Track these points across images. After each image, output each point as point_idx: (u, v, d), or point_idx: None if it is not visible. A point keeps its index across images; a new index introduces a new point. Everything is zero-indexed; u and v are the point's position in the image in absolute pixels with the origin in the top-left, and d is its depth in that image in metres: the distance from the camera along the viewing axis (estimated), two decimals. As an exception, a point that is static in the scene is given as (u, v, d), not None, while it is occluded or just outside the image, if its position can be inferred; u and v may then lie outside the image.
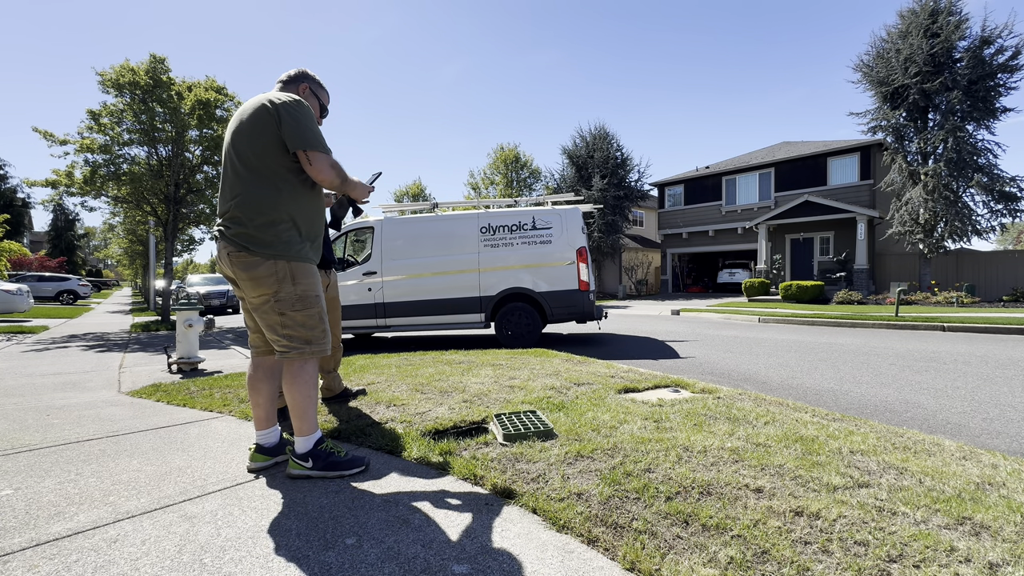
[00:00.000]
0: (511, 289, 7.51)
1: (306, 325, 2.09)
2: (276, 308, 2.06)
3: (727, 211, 24.11)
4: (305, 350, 2.09)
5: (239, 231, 2.04)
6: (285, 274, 2.05)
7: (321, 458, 2.12)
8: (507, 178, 30.12)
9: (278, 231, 2.05)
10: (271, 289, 2.05)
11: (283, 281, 2.05)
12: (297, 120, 2.02)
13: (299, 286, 2.08)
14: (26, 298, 13.89)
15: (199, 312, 5.49)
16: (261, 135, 2.03)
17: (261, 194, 2.04)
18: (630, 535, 1.57)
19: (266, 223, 2.04)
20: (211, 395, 3.74)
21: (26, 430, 2.94)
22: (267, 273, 2.03)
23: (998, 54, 14.93)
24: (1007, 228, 16.50)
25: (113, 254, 30.98)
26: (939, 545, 1.49)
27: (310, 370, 2.12)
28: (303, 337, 2.09)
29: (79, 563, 1.46)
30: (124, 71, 10.85)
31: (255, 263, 2.03)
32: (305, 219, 2.15)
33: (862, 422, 2.85)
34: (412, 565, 1.45)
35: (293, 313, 2.07)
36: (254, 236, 2.03)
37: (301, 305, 2.08)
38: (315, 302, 2.13)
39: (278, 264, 2.04)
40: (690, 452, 2.25)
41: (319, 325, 2.13)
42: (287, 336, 2.08)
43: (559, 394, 3.43)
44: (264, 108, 2.04)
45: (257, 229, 2.03)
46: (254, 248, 2.03)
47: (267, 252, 2.03)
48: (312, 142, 2.03)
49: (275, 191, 2.05)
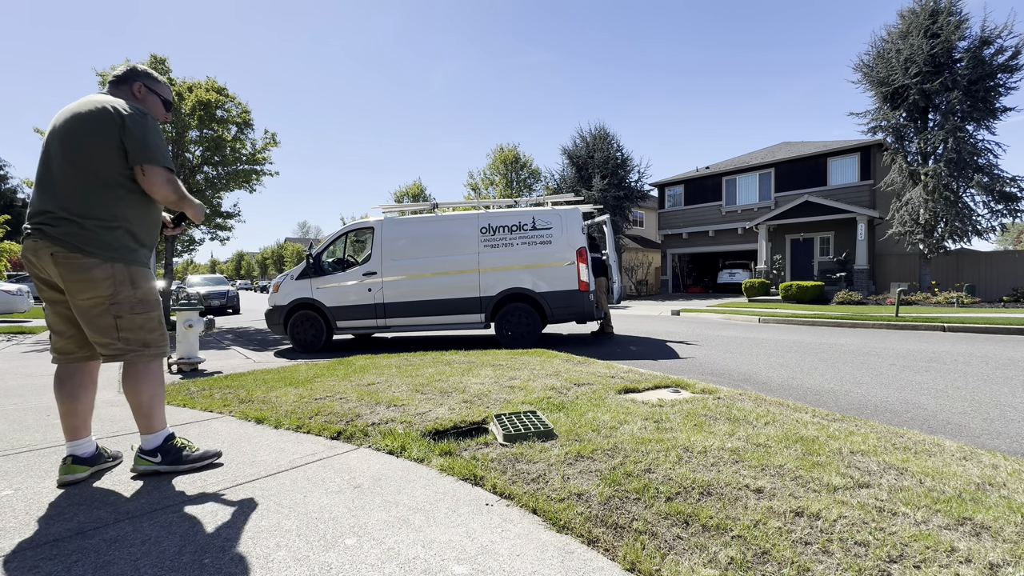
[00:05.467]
0: (511, 289, 7.51)
1: (145, 328, 2.11)
2: (112, 311, 2.03)
3: (727, 211, 24.10)
4: (144, 353, 2.11)
5: (71, 231, 1.97)
6: (124, 277, 2.05)
7: (171, 453, 2.16)
8: (507, 178, 30.12)
9: (116, 235, 2.04)
10: (106, 292, 2.01)
11: (121, 284, 2.04)
12: (144, 133, 2.04)
13: (139, 290, 2.10)
14: (26, 298, 13.89)
15: (199, 313, 5.49)
16: (103, 141, 2.00)
17: (98, 196, 2.01)
18: (630, 535, 1.57)
19: (103, 226, 2.01)
20: (211, 395, 3.74)
21: (26, 430, 2.94)
22: (104, 276, 2.00)
23: (998, 54, 14.93)
24: (1007, 228, 16.52)
25: (113, 254, 30.95)
26: (939, 545, 1.48)
27: (155, 369, 2.16)
28: (142, 340, 2.10)
29: (79, 563, 1.46)
30: (124, 71, 10.85)
31: (90, 265, 1.98)
32: (142, 227, 2.14)
33: (862, 422, 2.85)
34: (412, 565, 1.45)
35: (132, 316, 2.07)
36: (90, 237, 1.98)
37: (141, 308, 2.10)
38: (156, 306, 2.17)
39: (116, 267, 2.03)
40: (690, 452, 2.25)
41: (158, 328, 2.17)
42: (124, 339, 2.06)
43: (559, 394, 3.43)
44: (107, 113, 2.02)
45: (94, 231, 1.99)
46: (89, 249, 1.98)
47: (104, 254, 2.00)
48: (153, 157, 2.05)
49: (114, 196, 2.04)
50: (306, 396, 3.53)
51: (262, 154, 12.30)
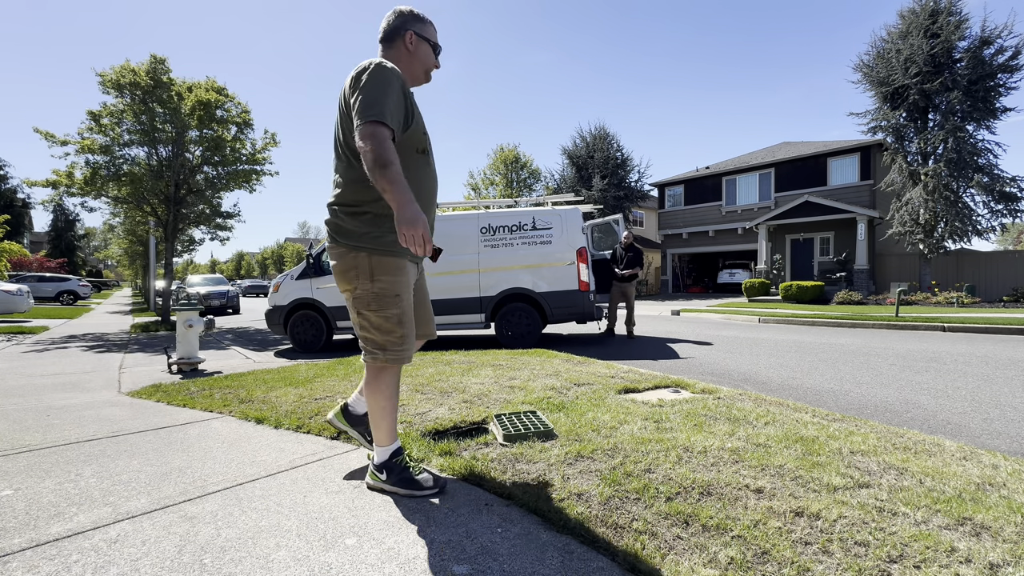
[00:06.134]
0: (511, 289, 7.51)
1: (381, 328, 1.87)
2: (355, 306, 1.89)
3: (727, 211, 24.11)
4: (378, 356, 1.89)
5: (329, 220, 1.90)
6: (365, 269, 1.84)
7: (395, 472, 1.93)
8: (507, 178, 30.11)
9: (361, 221, 1.85)
10: (351, 284, 1.88)
11: (362, 277, 1.85)
12: (366, 87, 1.73)
13: (377, 283, 1.85)
14: (26, 299, 13.90)
15: (199, 312, 5.49)
16: (345, 114, 1.83)
17: (345, 179, 1.86)
18: (630, 535, 1.57)
19: (349, 212, 1.86)
20: (211, 395, 3.74)
21: (26, 430, 2.94)
22: (347, 267, 1.86)
23: (998, 54, 14.94)
24: (1007, 228, 16.52)
25: (113, 255, 30.97)
26: (939, 545, 1.48)
27: (386, 379, 1.92)
28: (375, 342, 1.88)
29: (79, 563, 1.46)
30: (124, 72, 10.86)
31: (339, 254, 1.87)
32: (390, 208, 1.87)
33: (862, 422, 2.85)
34: (412, 565, 1.45)
35: (368, 313, 1.86)
36: (340, 226, 1.87)
37: (378, 305, 1.85)
38: (395, 303, 1.87)
39: (359, 256, 1.84)
40: (690, 452, 2.25)
41: (397, 329, 1.87)
42: (362, 338, 1.90)
43: (559, 394, 3.43)
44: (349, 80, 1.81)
45: (342, 218, 1.86)
46: (339, 238, 1.86)
47: (349, 243, 1.85)
48: (361, 111, 1.70)
49: (358, 176, 1.84)
50: (306, 396, 3.53)
51: (262, 154, 12.29)
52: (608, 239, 9.73)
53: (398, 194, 1.63)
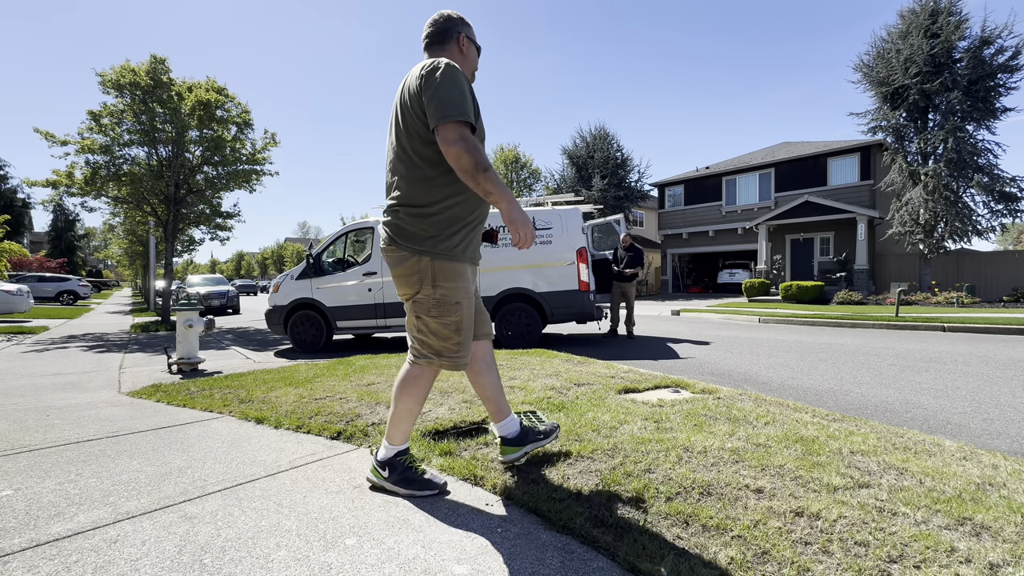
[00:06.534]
0: (511, 289, 7.51)
1: (439, 334, 1.85)
2: (414, 310, 1.88)
3: (727, 211, 24.11)
4: (433, 361, 1.88)
5: (390, 221, 1.87)
6: (428, 273, 1.82)
7: (398, 470, 1.93)
8: (507, 178, 30.11)
9: (427, 223, 1.82)
10: (412, 289, 1.85)
11: (424, 281, 1.82)
12: (438, 86, 1.72)
13: (439, 288, 1.82)
14: (26, 298, 13.90)
15: (199, 313, 5.49)
16: (412, 112, 1.81)
17: (412, 180, 1.84)
18: (630, 536, 1.57)
19: (414, 214, 1.83)
20: (211, 395, 3.74)
21: (26, 430, 2.94)
22: (409, 271, 1.84)
23: (998, 54, 14.93)
24: (1007, 228, 16.51)
25: (113, 255, 30.99)
26: (939, 546, 1.48)
27: (423, 382, 1.92)
28: (432, 347, 1.87)
29: (79, 563, 1.46)
30: (124, 72, 10.86)
31: (400, 258, 1.85)
32: (461, 209, 1.87)
33: (862, 422, 2.85)
34: (412, 565, 1.45)
35: (428, 319, 1.85)
36: (402, 228, 1.84)
37: (438, 311, 1.84)
38: (456, 309, 1.85)
39: (422, 261, 1.81)
40: (690, 453, 2.25)
41: (455, 336, 1.87)
42: (419, 341, 1.90)
43: (559, 394, 3.43)
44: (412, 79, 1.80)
45: (405, 219, 1.83)
46: (400, 241, 1.84)
47: (411, 247, 1.82)
48: (444, 111, 1.69)
49: (424, 176, 1.83)
50: (306, 396, 3.53)
51: (262, 154, 12.29)
52: (608, 239, 9.74)
53: (505, 195, 1.68)
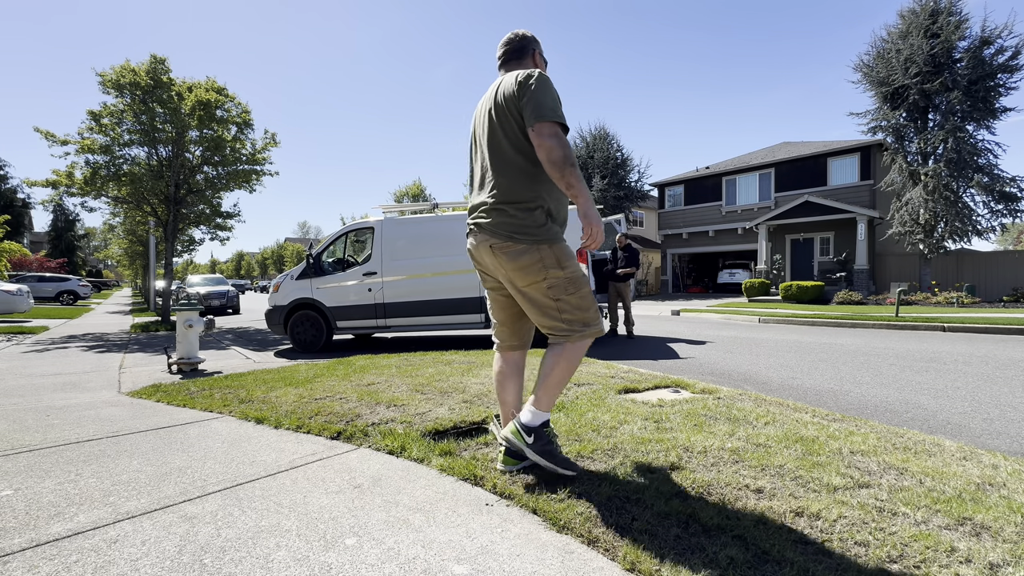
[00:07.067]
0: (511, 289, 7.50)
1: (581, 307, 2.04)
2: (550, 295, 2.01)
3: (727, 211, 24.10)
4: (586, 332, 2.03)
5: (501, 220, 2.00)
6: (552, 260, 2.00)
7: (542, 440, 2.02)
8: (507, 178, 30.09)
9: (536, 216, 2.00)
10: (540, 276, 1.99)
11: (552, 267, 2.00)
12: (536, 92, 1.93)
13: (567, 269, 2.02)
14: (26, 298, 13.89)
15: (199, 312, 5.49)
16: (512, 116, 1.98)
17: (517, 178, 2.01)
18: (630, 535, 1.57)
19: (524, 209, 2.00)
20: (211, 395, 3.74)
21: (26, 430, 2.94)
22: (533, 260, 1.99)
23: (998, 54, 14.93)
24: (1007, 228, 16.51)
25: (113, 254, 31.00)
26: (939, 545, 1.48)
27: (580, 353, 2.06)
28: (581, 320, 2.03)
29: (79, 563, 1.46)
30: (124, 72, 10.86)
31: (520, 251, 1.98)
32: (556, 202, 2.08)
33: (862, 422, 2.85)
34: (412, 565, 1.45)
35: (568, 296, 2.02)
36: (516, 223, 1.99)
37: (574, 287, 2.03)
38: (585, 282, 2.07)
39: (542, 249, 1.99)
40: (690, 453, 2.25)
41: (592, 305, 2.08)
42: (566, 320, 2.02)
43: (560, 394, 3.43)
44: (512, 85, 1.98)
45: (517, 215, 1.99)
46: (518, 236, 1.98)
47: (530, 239, 1.98)
48: (541, 113, 1.90)
49: (527, 174, 2.01)
50: (306, 396, 3.53)
51: (262, 154, 12.29)
52: (609, 239, 9.74)
53: (584, 191, 1.88)
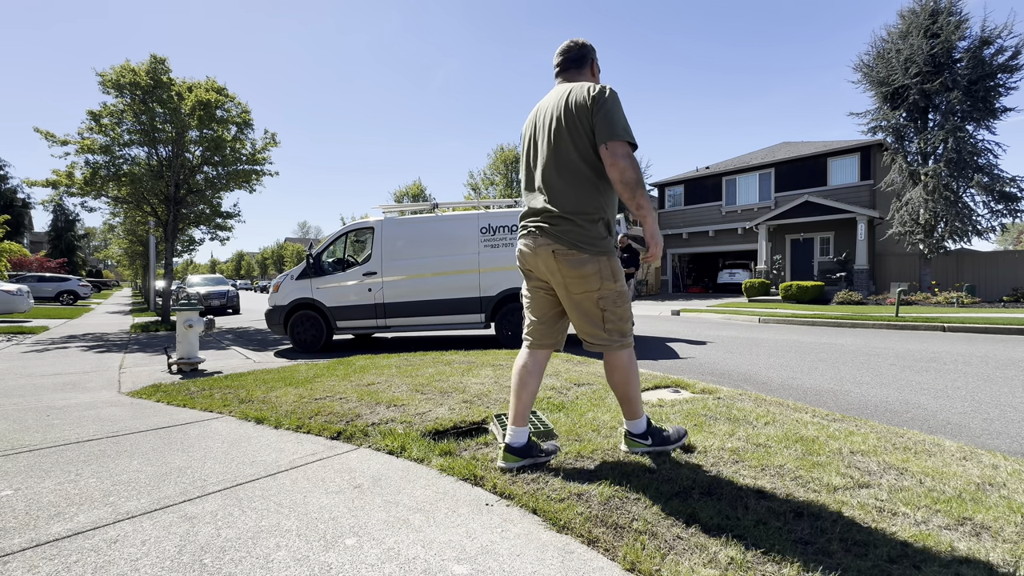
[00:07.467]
0: (511, 289, 7.51)
1: (624, 318, 2.15)
2: (600, 304, 2.10)
3: (727, 211, 24.09)
4: (623, 342, 2.15)
5: (568, 228, 2.06)
6: (608, 271, 2.09)
7: (656, 435, 2.25)
8: (507, 178, 30.11)
9: (598, 228, 2.08)
10: (596, 286, 2.08)
11: (607, 278, 2.09)
12: (611, 109, 1.99)
13: (618, 282, 2.12)
14: (26, 298, 13.89)
15: (199, 313, 5.49)
16: (582, 129, 2.02)
17: (584, 189, 2.07)
18: (630, 535, 1.57)
19: (589, 220, 2.07)
20: (211, 395, 3.74)
21: (26, 430, 2.94)
22: (594, 271, 2.07)
23: (998, 54, 14.92)
24: (1007, 228, 16.50)
25: (113, 254, 31.00)
26: (939, 545, 1.48)
27: (633, 358, 2.19)
28: (621, 330, 2.14)
29: (79, 563, 1.46)
30: (124, 72, 10.85)
31: (584, 260, 2.06)
32: (612, 216, 2.17)
33: (862, 422, 2.85)
34: (412, 565, 1.45)
35: (615, 308, 2.12)
36: (582, 234, 2.06)
37: (621, 300, 2.14)
38: (628, 297, 2.18)
39: (601, 261, 2.07)
40: (690, 452, 2.25)
41: (631, 318, 2.20)
42: (608, 331, 2.12)
43: (559, 394, 3.43)
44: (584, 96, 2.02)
45: (584, 226, 2.06)
46: (583, 246, 2.05)
47: (593, 249, 2.06)
48: (616, 132, 1.97)
49: (593, 186, 2.07)
50: (306, 396, 3.53)
51: (262, 154, 12.28)
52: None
53: (650, 211, 2.04)
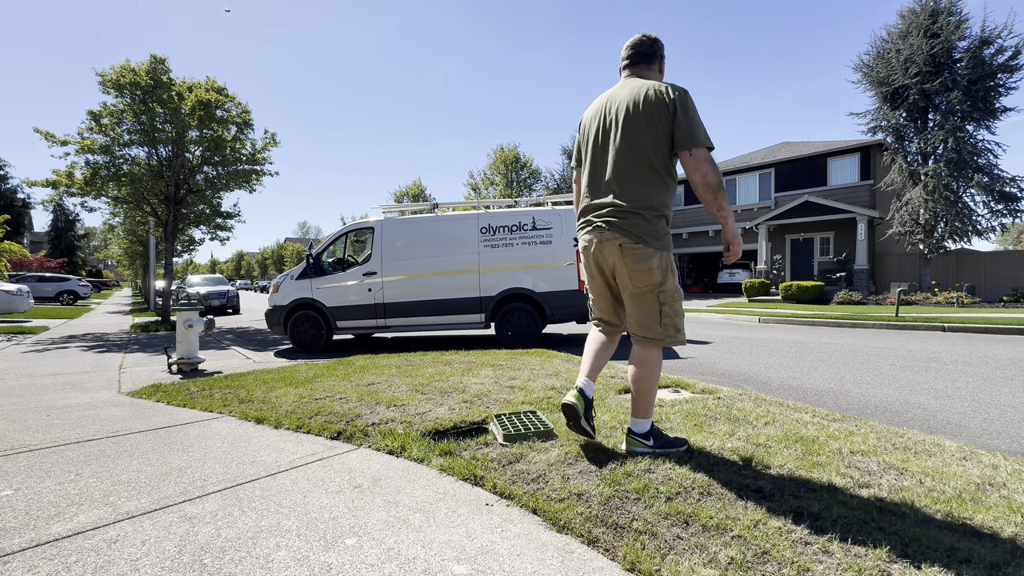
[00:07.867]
0: (511, 289, 7.51)
1: (679, 314, 2.19)
2: (659, 299, 2.14)
3: (727, 211, 24.06)
4: (676, 337, 2.18)
5: (635, 222, 2.10)
6: (668, 267, 2.14)
7: (658, 437, 2.26)
8: (507, 178, 30.09)
9: (662, 224, 2.13)
10: (657, 280, 2.12)
11: (667, 273, 2.14)
12: (692, 115, 2.04)
13: (675, 278, 2.17)
14: (26, 299, 13.90)
15: (199, 312, 5.49)
16: (659, 129, 2.05)
17: (653, 185, 2.11)
18: (630, 535, 1.57)
19: (657, 215, 2.12)
20: (211, 395, 3.74)
21: (26, 430, 2.94)
22: (657, 265, 2.11)
23: (998, 54, 14.92)
24: (1007, 228, 16.50)
25: (113, 254, 31.01)
26: (939, 545, 1.48)
27: (660, 357, 2.22)
28: (675, 326, 2.18)
29: (79, 563, 1.46)
30: (124, 72, 10.86)
31: (648, 255, 2.10)
32: (670, 214, 2.22)
33: (862, 422, 2.85)
34: (412, 565, 1.45)
35: (672, 303, 2.16)
36: (649, 228, 2.10)
37: (677, 296, 2.18)
38: (682, 296, 2.22)
39: (663, 256, 2.12)
40: (690, 452, 2.25)
41: (683, 314, 2.23)
42: (664, 325, 2.16)
43: (559, 394, 3.43)
44: (661, 98, 2.05)
45: (652, 221, 2.10)
46: (649, 240, 2.09)
47: (657, 244, 2.11)
48: (699, 139, 2.02)
49: (662, 183, 2.12)
50: (306, 396, 3.53)
51: (262, 154, 12.28)
52: None
53: (731, 213, 2.09)
